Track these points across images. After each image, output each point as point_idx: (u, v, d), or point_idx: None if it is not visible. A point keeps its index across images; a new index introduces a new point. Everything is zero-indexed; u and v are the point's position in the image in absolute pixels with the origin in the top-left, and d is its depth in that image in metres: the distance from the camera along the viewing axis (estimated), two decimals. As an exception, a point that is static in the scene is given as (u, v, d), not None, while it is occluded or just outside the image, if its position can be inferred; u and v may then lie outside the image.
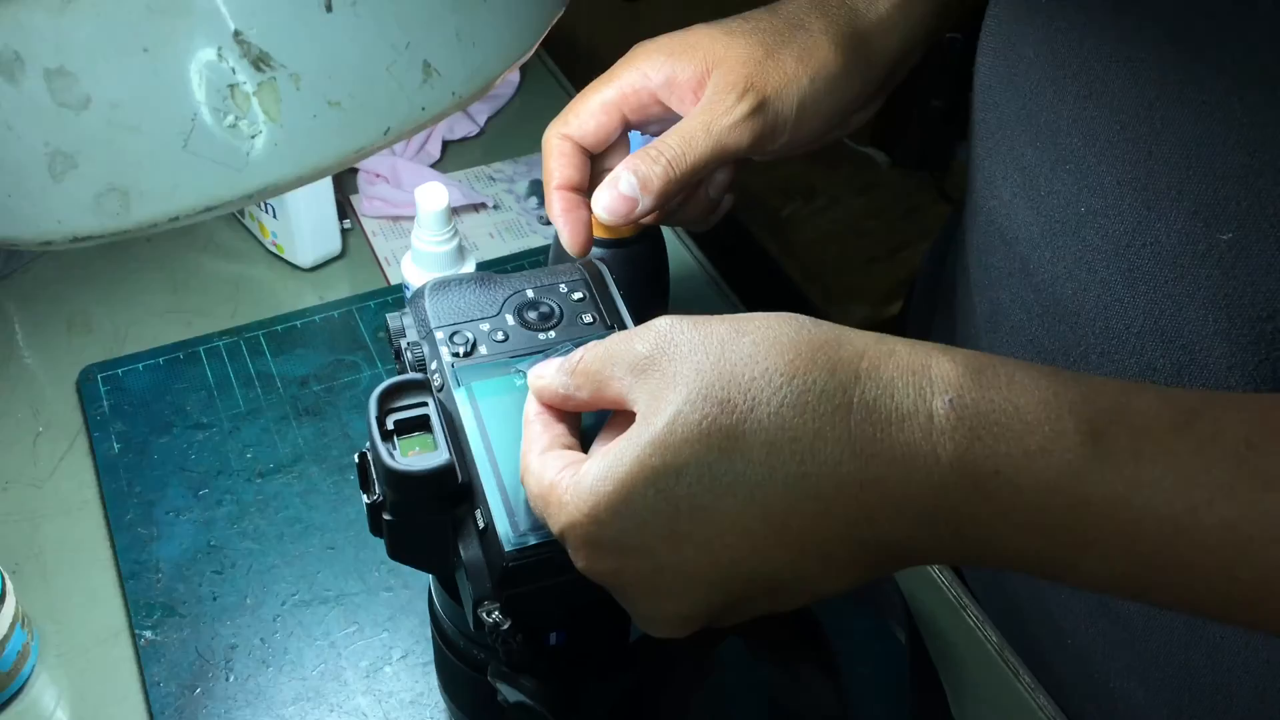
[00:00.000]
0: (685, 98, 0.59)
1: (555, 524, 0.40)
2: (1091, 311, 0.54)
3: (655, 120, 0.61)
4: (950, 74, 1.54)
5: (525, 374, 0.45)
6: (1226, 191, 0.46)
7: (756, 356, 0.38)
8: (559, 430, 0.43)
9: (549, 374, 0.43)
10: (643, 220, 0.60)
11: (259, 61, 0.33)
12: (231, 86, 0.33)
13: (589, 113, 0.60)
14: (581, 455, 0.41)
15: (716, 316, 0.40)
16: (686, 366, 0.38)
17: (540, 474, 0.41)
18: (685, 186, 0.58)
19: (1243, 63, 0.44)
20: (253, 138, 0.34)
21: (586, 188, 0.61)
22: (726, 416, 0.37)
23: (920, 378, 0.37)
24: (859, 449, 0.36)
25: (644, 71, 0.59)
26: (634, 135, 0.62)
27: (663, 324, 0.40)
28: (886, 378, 0.37)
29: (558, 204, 0.60)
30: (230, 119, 0.33)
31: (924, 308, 0.79)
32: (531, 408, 0.44)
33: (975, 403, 0.36)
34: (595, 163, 0.62)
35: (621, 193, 0.57)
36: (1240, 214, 0.46)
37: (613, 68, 0.60)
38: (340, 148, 0.35)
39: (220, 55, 0.32)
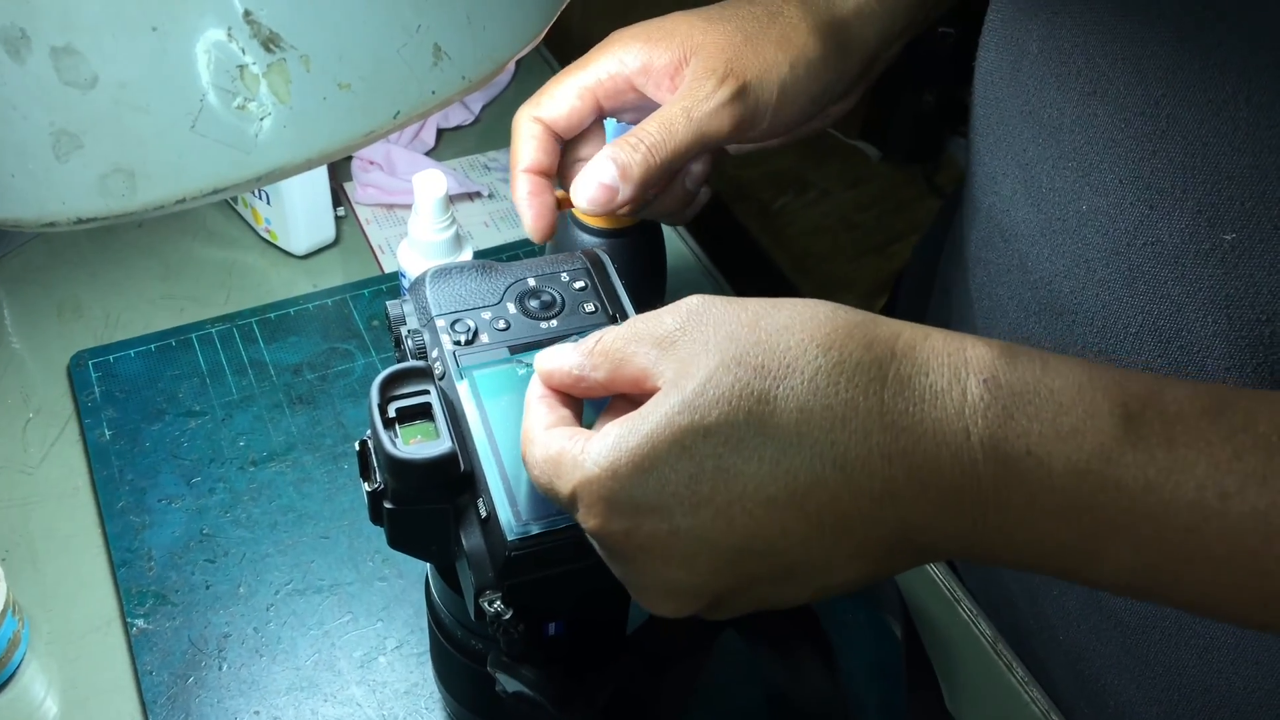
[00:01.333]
0: (662, 84, 0.59)
1: (567, 482, 0.39)
2: (1089, 310, 0.54)
3: (630, 107, 0.61)
4: (943, 68, 1.54)
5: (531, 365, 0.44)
6: (1230, 192, 0.46)
7: (793, 328, 0.38)
8: (564, 414, 0.42)
9: (560, 356, 0.42)
10: (622, 211, 0.59)
11: (269, 42, 0.32)
12: (241, 68, 0.32)
13: (563, 96, 0.59)
14: (590, 431, 0.40)
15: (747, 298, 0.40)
16: (720, 334, 0.38)
17: (546, 443, 0.40)
18: (666, 174, 0.58)
19: (1250, 63, 0.44)
20: (261, 120, 0.33)
21: (554, 173, 0.60)
22: (760, 381, 0.37)
23: (956, 358, 0.37)
24: (890, 421, 0.36)
25: (620, 58, 0.58)
26: (610, 122, 0.61)
27: (693, 300, 0.40)
28: (922, 357, 0.37)
29: (524, 186, 0.59)
30: (239, 100, 0.33)
31: (915, 302, 0.79)
32: (535, 390, 0.43)
33: (1010, 383, 0.36)
34: (566, 149, 0.61)
35: (602, 181, 0.57)
36: (1244, 215, 0.46)
37: (589, 53, 0.60)
38: (349, 130, 0.34)
39: (230, 35, 0.32)
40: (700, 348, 0.38)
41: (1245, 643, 0.54)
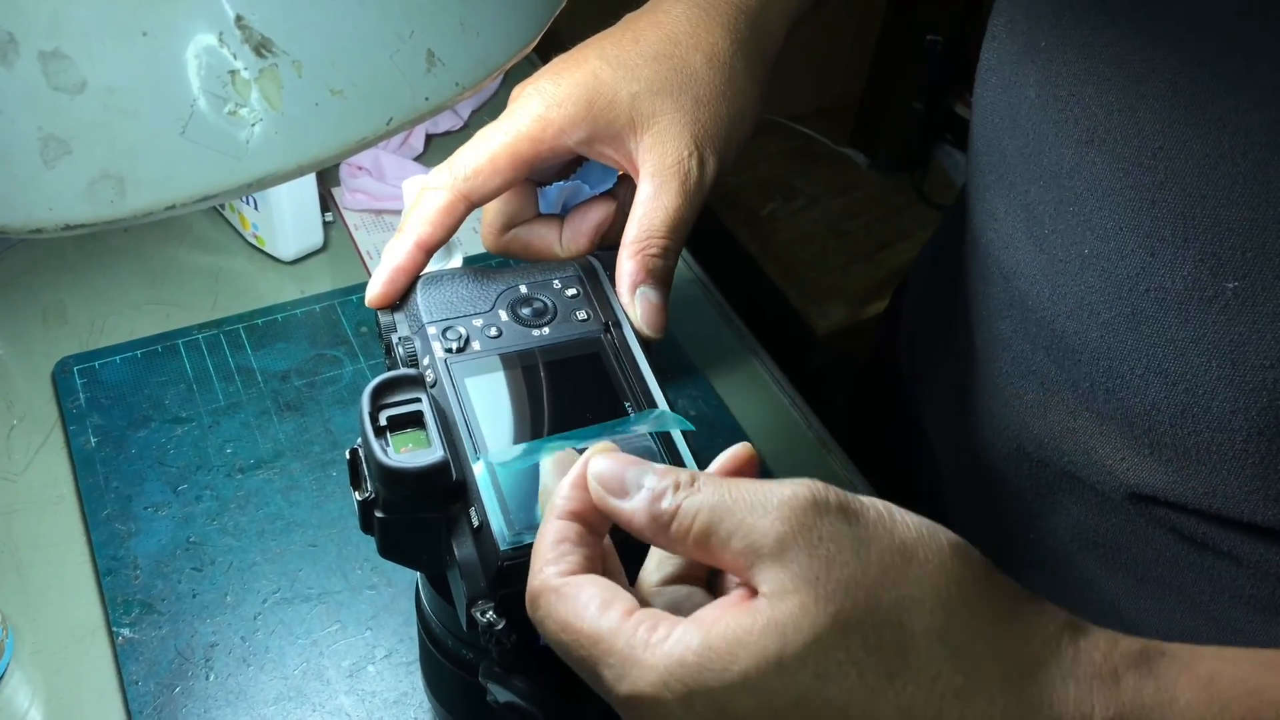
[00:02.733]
0: (610, 154, 0.54)
1: (618, 678, 0.34)
2: (1094, 351, 0.54)
3: (557, 167, 0.57)
4: (931, 75, 1.54)
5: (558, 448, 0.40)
6: (1232, 242, 0.46)
7: (923, 600, 0.33)
8: (592, 552, 0.37)
9: (636, 504, 0.36)
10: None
11: (260, 48, 0.32)
12: (232, 73, 0.32)
13: (497, 171, 0.52)
14: (633, 601, 0.35)
15: (872, 505, 0.34)
16: (836, 578, 0.33)
17: (582, 610, 0.35)
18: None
19: (1247, 119, 0.44)
20: (253, 126, 0.33)
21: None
22: (871, 663, 0.32)
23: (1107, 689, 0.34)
24: None
25: (560, 127, 0.52)
26: (583, 187, 0.57)
27: (805, 506, 0.34)
28: (1053, 695, 0.33)
29: (405, 258, 0.51)
30: (230, 106, 0.32)
31: (918, 320, 0.78)
32: (564, 504, 0.37)
33: None
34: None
35: (656, 304, 0.51)
36: (1246, 264, 0.46)
37: (519, 117, 0.53)
38: (342, 137, 0.34)
39: (221, 40, 0.32)
40: (809, 588, 0.32)
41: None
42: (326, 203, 0.88)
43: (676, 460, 0.45)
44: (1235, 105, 0.44)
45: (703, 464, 0.44)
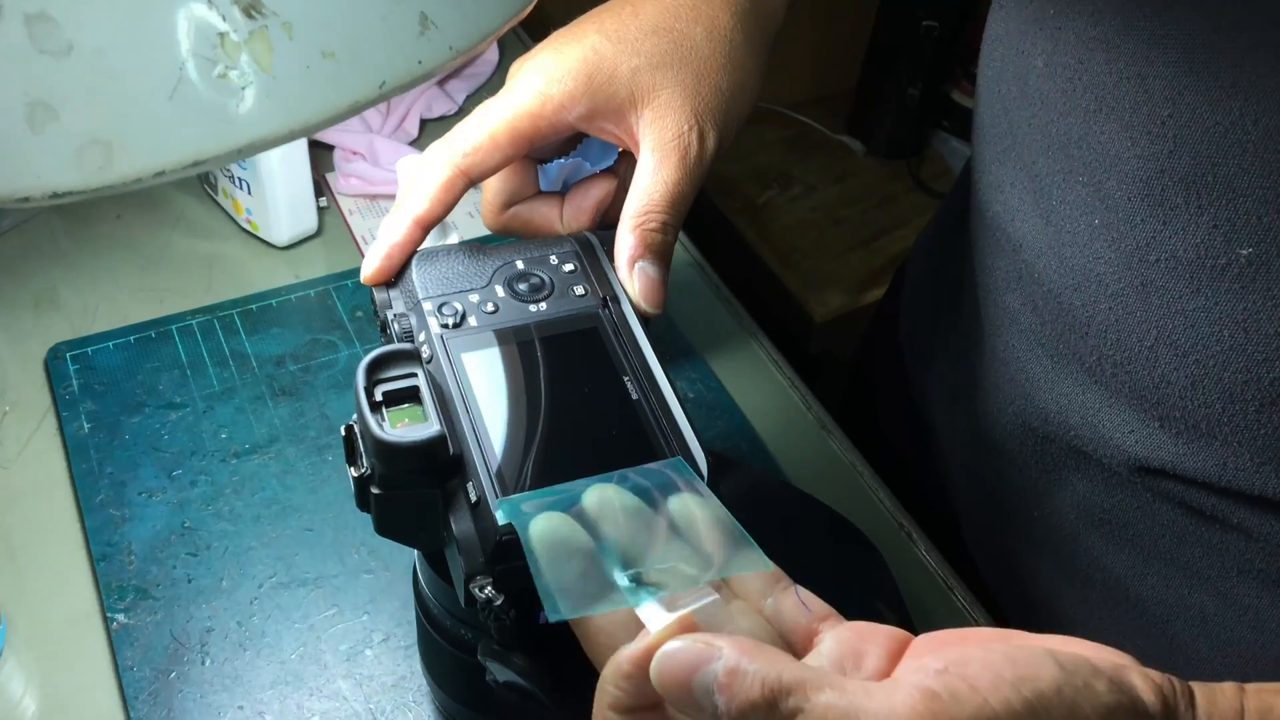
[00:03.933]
0: (611, 130, 0.53)
1: None
2: (1102, 322, 0.53)
3: (557, 144, 0.56)
4: (927, 62, 1.54)
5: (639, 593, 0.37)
6: (1246, 208, 0.45)
7: None
8: (657, 715, 0.35)
9: (737, 693, 0.31)
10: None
11: (250, 9, 0.31)
12: (221, 35, 0.32)
13: (496, 147, 0.51)
14: None
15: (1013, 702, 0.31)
16: None
17: None
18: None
19: (1258, 86, 0.44)
20: (243, 89, 0.32)
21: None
22: None
23: None
24: None
25: (559, 103, 0.51)
26: (584, 164, 0.56)
27: None
28: None
29: (403, 235, 0.50)
30: (220, 69, 0.32)
31: (919, 303, 0.78)
32: (621, 698, 0.34)
33: None
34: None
35: (655, 279, 0.50)
36: (1260, 230, 0.45)
37: (518, 93, 0.52)
38: (334, 101, 0.33)
39: (210, 2, 0.31)
40: None
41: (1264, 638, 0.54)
42: (320, 187, 0.87)
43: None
44: (1247, 72, 0.44)
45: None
